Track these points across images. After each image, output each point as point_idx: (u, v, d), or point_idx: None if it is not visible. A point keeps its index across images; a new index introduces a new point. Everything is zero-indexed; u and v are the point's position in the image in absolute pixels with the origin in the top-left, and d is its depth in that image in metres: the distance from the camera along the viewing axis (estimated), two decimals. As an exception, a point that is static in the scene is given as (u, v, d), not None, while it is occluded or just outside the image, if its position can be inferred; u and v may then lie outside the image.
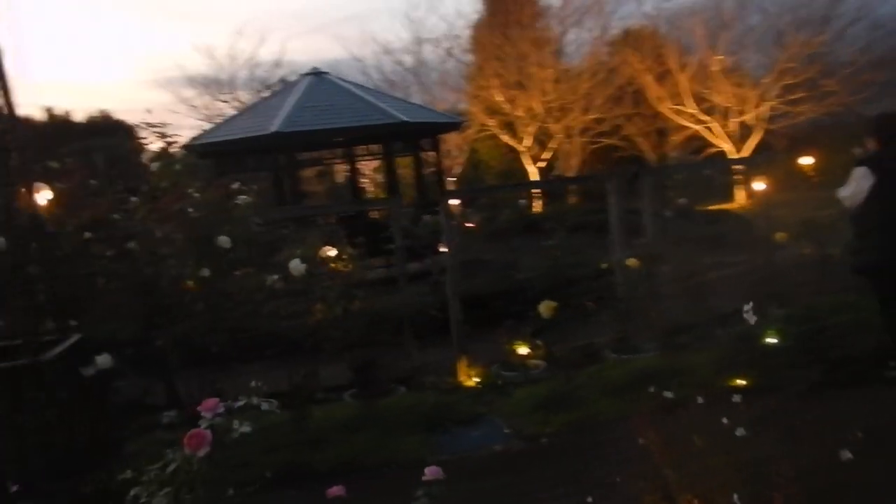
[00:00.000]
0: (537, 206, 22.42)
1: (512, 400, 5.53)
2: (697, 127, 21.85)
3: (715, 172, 16.67)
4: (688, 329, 6.87)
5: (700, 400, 5.12)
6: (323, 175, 23.59)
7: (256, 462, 4.58)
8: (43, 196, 4.93)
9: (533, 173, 24.69)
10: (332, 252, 4.72)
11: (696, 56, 21.61)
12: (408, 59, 26.48)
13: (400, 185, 16.14)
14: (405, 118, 12.88)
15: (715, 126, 21.53)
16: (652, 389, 5.28)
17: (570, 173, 24.10)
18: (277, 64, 26.49)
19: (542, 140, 24.60)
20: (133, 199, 5.05)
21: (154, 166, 4.87)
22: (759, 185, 8.13)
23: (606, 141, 23.86)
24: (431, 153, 15.04)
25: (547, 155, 24.56)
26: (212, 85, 26.58)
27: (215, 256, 4.29)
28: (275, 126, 12.37)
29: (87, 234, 4.67)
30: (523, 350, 6.75)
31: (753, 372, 5.36)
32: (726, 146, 21.44)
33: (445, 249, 8.83)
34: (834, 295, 6.69)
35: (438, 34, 26.76)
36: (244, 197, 5.52)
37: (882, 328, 5.45)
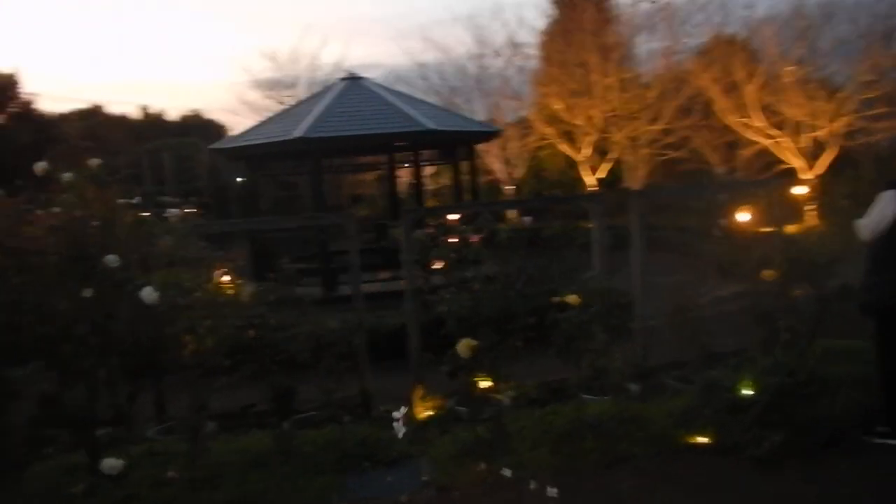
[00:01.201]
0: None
1: (442, 441, 5.05)
2: (767, 142, 20.57)
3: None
4: (665, 371, 6.24)
5: (641, 458, 4.59)
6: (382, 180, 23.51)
7: (141, 497, 4.32)
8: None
9: (591, 184, 23.90)
10: (226, 277, 4.38)
11: (766, 66, 20.33)
12: (470, 66, 26.14)
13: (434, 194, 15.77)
14: (433, 126, 12.52)
15: (785, 141, 20.20)
16: (594, 442, 4.74)
17: (636, 186, 23.17)
18: (338, 66, 26.59)
19: (603, 150, 23.81)
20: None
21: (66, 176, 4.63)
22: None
23: (673, 153, 22.78)
24: (468, 161, 14.56)
25: (606, 166, 23.73)
26: (276, 86, 26.93)
27: (101, 276, 4.01)
28: (299, 131, 12.24)
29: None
30: (485, 383, 6.27)
31: (714, 428, 4.72)
32: (797, 163, 20.08)
33: (438, 266, 8.44)
34: (835, 339, 5.92)
35: (501, 41, 26.32)
36: (174, 211, 5.27)
37: (877, 384, 4.73)
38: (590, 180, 23.94)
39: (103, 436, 4.42)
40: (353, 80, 14.34)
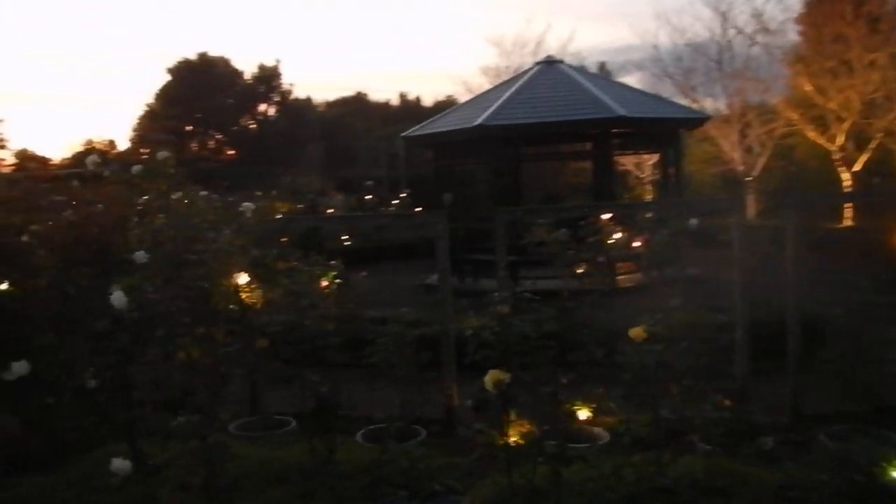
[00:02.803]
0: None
1: (494, 480, 4.34)
2: None
3: None
4: (825, 422, 4.95)
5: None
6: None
7: (156, 499, 4.20)
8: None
9: (845, 180, 20.73)
10: (243, 279, 4.04)
11: None
12: (710, 46, 23.91)
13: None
14: (623, 112, 11.42)
15: None
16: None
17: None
18: (563, 51, 25.77)
19: (861, 139, 20.51)
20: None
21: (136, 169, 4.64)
22: None
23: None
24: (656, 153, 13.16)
25: (864, 157, 20.41)
26: (504, 73, 26.76)
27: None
28: (480, 119, 11.82)
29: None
30: (584, 414, 5.42)
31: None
32: None
33: (580, 270, 7.60)
34: None
35: (746, 17, 23.69)
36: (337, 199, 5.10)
37: None
38: (845, 175, 20.76)
39: (177, 426, 4.40)
40: (548, 65, 13.59)
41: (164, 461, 4.38)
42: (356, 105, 44.60)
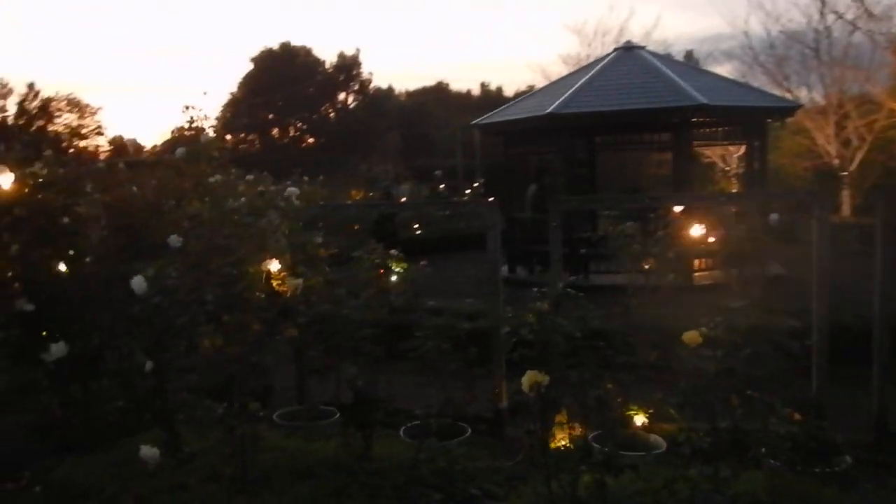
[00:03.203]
0: None
1: (534, 488, 4.06)
2: None
3: None
4: None
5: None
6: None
7: (187, 488, 4.12)
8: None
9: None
10: (275, 265, 3.86)
11: None
12: (807, 33, 22.61)
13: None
14: (705, 100, 10.81)
15: None
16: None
17: None
18: (646, 38, 24.89)
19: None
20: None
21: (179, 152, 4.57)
22: None
23: None
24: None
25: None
26: (583, 62, 26.11)
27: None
28: (552, 106, 11.44)
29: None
30: (640, 419, 5.08)
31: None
32: None
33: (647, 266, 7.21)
34: None
35: (847, 3, 22.30)
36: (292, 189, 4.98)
37: None
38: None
39: (205, 415, 4.34)
40: (626, 51, 13.03)
41: (201, 449, 4.30)
42: (437, 94, 44.56)
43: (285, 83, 33.82)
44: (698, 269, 11.36)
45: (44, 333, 4.06)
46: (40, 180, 4.09)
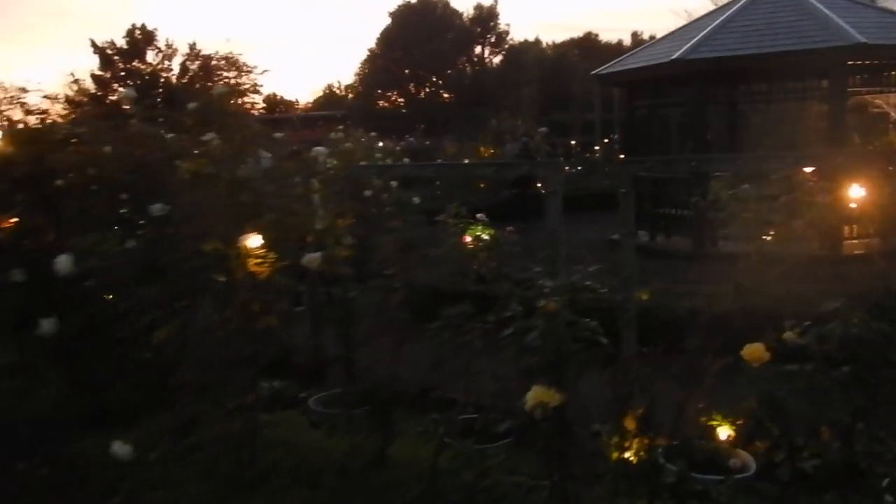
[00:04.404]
0: None
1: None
2: None
3: None
4: None
5: None
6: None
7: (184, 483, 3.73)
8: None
9: None
10: (254, 241, 3.27)
11: None
12: None
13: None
14: (863, 39, 9.14)
15: None
16: None
17: None
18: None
19: None
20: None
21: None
22: None
23: None
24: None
25: None
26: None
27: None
28: (679, 52, 10.13)
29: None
30: (725, 431, 4.17)
31: None
32: None
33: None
34: None
35: None
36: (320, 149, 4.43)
37: None
38: None
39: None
40: (774, -15, 11.32)
41: (205, 439, 3.90)
42: (585, 46, 42.60)
43: (422, 38, 33.39)
44: (849, 237, 9.84)
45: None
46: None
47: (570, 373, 2.73)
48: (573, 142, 20.63)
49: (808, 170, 6.00)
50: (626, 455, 3.88)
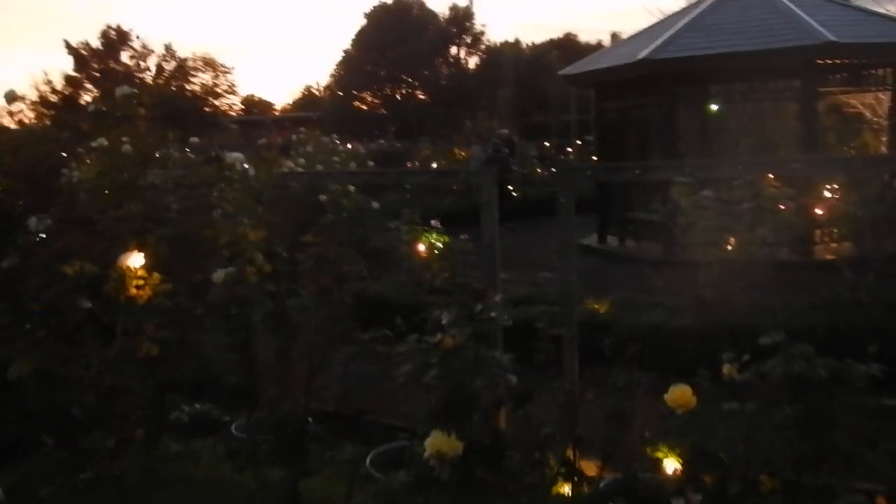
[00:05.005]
0: None
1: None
2: None
3: None
4: None
5: None
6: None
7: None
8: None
9: None
10: (135, 261, 2.89)
11: None
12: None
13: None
14: (833, 37, 8.89)
15: None
16: None
17: None
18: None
19: None
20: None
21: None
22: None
23: None
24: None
25: None
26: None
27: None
28: (645, 52, 9.84)
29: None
30: (672, 464, 3.86)
31: None
32: None
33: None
34: None
35: None
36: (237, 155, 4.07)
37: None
38: None
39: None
40: (744, -17, 11.06)
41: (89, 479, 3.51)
42: (564, 46, 42.35)
43: (398, 39, 33.00)
44: (820, 242, 9.59)
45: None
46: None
47: (478, 416, 2.38)
48: (546, 143, 20.34)
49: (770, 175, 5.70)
50: (566, 489, 3.53)
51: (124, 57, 42.05)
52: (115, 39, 40.31)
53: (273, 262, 3.97)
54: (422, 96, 34.58)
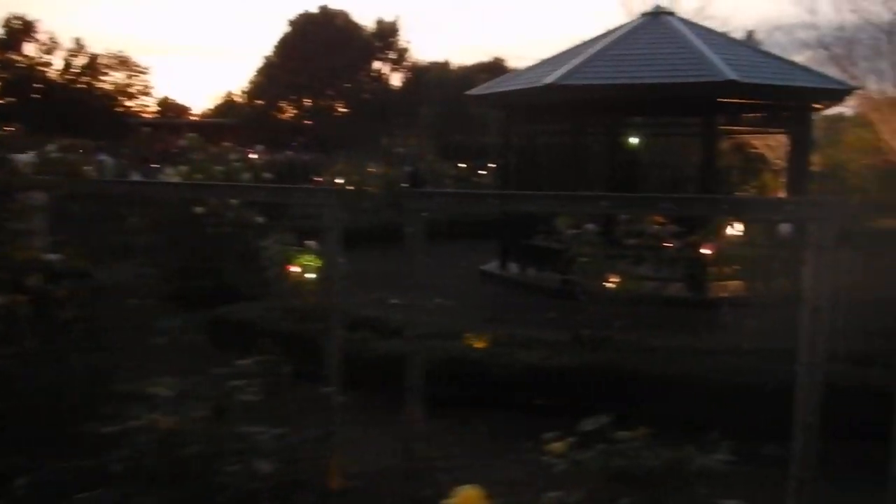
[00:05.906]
0: None
1: None
2: None
3: None
4: None
5: None
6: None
7: None
8: None
9: None
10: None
11: None
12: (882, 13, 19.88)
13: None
14: (734, 76, 8.87)
15: None
16: None
17: None
18: (700, 14, 22.44)
19: None
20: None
21: None
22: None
23: None
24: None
25: None
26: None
27: None
28: (552, 77, 9.64)
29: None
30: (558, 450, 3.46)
31: None
32: None
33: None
34: None
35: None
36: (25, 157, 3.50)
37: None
38: None
39: None
40: (654, 17, 11.03)
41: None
42: (493, 70, 42.58)
43: (321, 49, 32.35)
44: (716, 279, 9.51)
45: None
46: None
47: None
48: (462, 164, 20.12)
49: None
50: None
51: (29, 49, 39.98)
52: (20, 29, 38.24)
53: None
54: (342, 109, 33.94)
